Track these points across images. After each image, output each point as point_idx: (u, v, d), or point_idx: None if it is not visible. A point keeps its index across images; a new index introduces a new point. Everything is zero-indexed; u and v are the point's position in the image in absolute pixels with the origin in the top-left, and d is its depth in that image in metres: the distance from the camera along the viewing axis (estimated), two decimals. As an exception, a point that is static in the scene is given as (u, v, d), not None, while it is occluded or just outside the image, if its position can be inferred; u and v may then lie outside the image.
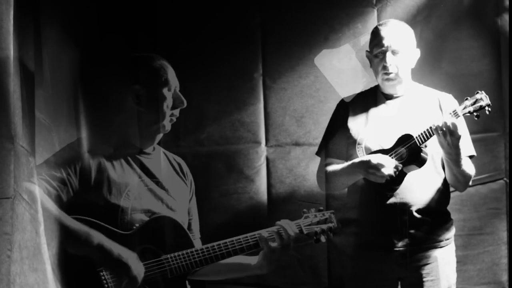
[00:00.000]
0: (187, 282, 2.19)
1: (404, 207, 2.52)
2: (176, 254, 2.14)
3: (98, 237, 2.01)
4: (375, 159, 2.44)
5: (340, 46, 3.09)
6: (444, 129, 2.37)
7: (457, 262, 2.71)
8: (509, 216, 3.03)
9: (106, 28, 2.84)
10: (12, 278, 1.67)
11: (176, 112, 2.25)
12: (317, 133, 3.01)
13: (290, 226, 2.24)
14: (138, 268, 2.06)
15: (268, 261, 2.25)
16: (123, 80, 2.27)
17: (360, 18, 3.08)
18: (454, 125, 2.36)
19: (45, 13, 2.19)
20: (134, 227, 2.11)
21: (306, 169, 3.11)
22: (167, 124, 2.23)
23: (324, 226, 2.33)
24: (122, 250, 2.04)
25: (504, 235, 3.05)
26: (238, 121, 3.18)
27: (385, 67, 2.52)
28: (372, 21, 3.04)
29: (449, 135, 2.37)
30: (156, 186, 2.22)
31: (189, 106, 2.26)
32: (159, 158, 2.28)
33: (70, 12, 2.59)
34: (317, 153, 2.76)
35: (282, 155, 3.17)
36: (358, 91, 2.76)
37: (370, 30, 2.66)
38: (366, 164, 2.45)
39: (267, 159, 3.17)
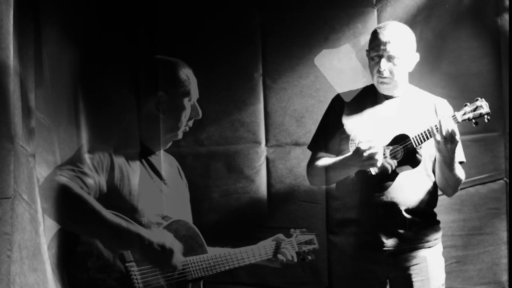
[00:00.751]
0: (202, 283, 2.22)
1: (394, 207, 2.54)
2: (195, 257, 2.17)
3: (138, 228, 2.03)
4: (365, 145, 2.45)
5: (340, 46, 3.09)
6: (445, 134, 2.38)
7: (457, 262, 2.71)
8: (509, 216, 3.03)
9: (106, 28, 2.84)
10: (12, 278, 1.67)
11: (191, 122, 2.28)
12: (317, 133, 3.01)
13: (289, 251, 2.40)
14: (179, 246, 2.10)
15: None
16: (123, 80, 2.27)
17: (360, 18, 3.07)
18: (454, 132, 2.38)
19: (45, 13, 2.19)
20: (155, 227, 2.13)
21: (306, 169, 3.11)
22: (180, 134, 2.27)
23: (310, 247, 2.44)
24: (165, 236, 2.07)
25: (504, 235, 3.05)
26: (238, 121, 3.17)
27: (379, 71, 2.54)
28: (372, 21, 3.04)
29: (449, 142, 2.38)
30: (165, 187, 2.23)
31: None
32: (162, 160, 2.30)
33: (70, 12, 2.59)
34: (309, 147, 2.76)
35: (282, 155, 3.16)
36: (358, 89, 2.76)
37: (370, 30, 2.65)
38: (358, 153, 2.46)
39: (267, 159, 3.17)
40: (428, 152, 2.54)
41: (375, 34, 2.57)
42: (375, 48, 2.54)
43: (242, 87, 3.17)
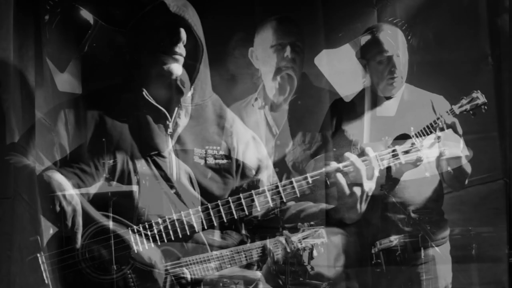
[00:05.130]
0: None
1: (401, 206, 2.54)
2: (194, 257, 2.17)
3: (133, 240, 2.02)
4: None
5: (340, 46, 3.08)
6: (445, 128, 2.40)
7: (457, 262, 2.71)
8: (509, 216, 3.03)
9: (106, 27, 2.83)
10: (12, 278, 1.67)
11: None
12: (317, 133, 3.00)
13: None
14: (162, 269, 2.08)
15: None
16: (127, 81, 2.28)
17: (360, 18, 3.07)
18: (454, 123, 2.40)
19: (45, 13, 2.19)
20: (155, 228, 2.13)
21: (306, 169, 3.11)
22: None
23: (318, 241, 2.45)
24: (152, 253, 2.05)
25: (504, 235, 3.05)
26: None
27: (392, 72, 2.56)
28: (372, 21, 3.04)
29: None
30: (169, 189, 2.23)
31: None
32: (172, 163, 2.30)
33: (70, 12, 2.59)
34: (312, 156, 2.77)
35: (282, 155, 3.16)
36: (358, 91, 2.76)
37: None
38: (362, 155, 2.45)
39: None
40: (429, 150, 2.55)
41: (376, 38, 2.58)
42: (382, 51, 2.56)
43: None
